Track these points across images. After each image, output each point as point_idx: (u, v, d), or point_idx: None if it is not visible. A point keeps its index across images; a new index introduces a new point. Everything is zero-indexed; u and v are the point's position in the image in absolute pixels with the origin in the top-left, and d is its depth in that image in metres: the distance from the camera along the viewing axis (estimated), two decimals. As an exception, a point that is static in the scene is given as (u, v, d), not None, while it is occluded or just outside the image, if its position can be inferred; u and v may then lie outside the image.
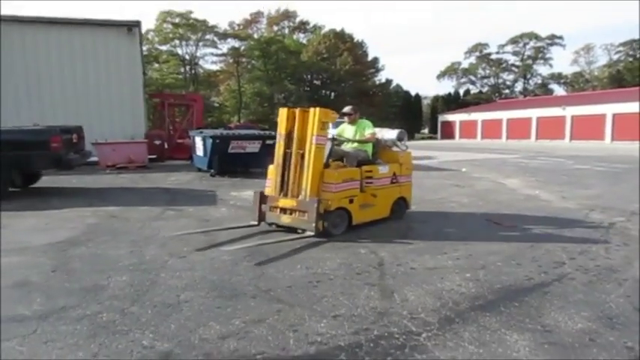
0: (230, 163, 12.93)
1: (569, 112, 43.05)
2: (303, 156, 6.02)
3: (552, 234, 6.18)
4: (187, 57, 57.35)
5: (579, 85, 72.19)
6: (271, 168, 6.45)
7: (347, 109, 7.40)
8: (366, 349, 2.96)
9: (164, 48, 55.53)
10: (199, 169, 13.82)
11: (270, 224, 6.33)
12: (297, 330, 3.24)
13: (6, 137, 8.83)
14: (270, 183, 6.36)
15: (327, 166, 6.22)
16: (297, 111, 6.18)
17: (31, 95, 16.95)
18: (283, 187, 6.18)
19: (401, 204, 7.12)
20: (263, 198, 6.32)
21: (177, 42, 55.68)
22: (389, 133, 7.36)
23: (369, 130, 7.04)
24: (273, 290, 4.03)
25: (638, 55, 67.97)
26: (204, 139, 13.04)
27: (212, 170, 12.87)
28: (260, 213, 6.31)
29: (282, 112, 6.27)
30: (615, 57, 69.84)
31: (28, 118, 14.83)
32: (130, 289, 4.07)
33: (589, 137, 39.63)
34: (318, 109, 6.01)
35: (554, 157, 21.70)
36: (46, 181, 11.10)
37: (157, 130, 19.56)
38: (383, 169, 6.80)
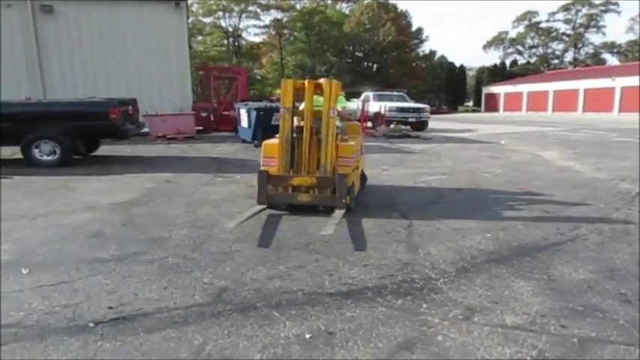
0: (273, 135, 13.46)
1: (619, 83, 41.74)
2: (315, 130, 5.81)
3: (577, 202, 6.51)
4: (230, 29, 58.13)
5: (634, 55, 69.25)
6: (271, 144, 6.04)
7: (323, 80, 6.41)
8: (390, 290, 3.49)
9: (208, 20, 56.46)
10: (244, 141, 14.46)
11: (280, 205, 5.86)
12: (332, 274, 3.80)
13: (71, 108, 9.70)
14: (276, 161, 5.85)
15: None
16: (307, 82, 5.89)
17: (87, 70, 17.89)
18: (293, 165, 5.85)
19: (364, 175, 7.31)
20: (269, 178, 5.74)
21: (220, 14, 56.44)
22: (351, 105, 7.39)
23: (341, 103, 6.87)
24: (312, 244, 4.59)
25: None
26: (248, 112, 13.65)
27: (256, 141, 13.47)
28: (267, 195, 5.74)
29: (287, 84, 5.87)
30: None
31: (84, 91, 15.84)
32: (189, 240, 4.72)
33: (638, 109, 38.47)
34: (332, 80, 5.88)
35: (598, 130, 21.43)
36: (103, 150, 11.97)
37: (203, 102, 20.30)
38: (359, 142, 6.71)
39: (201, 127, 17.81)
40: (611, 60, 70.59)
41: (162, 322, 2.98)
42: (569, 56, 73.74)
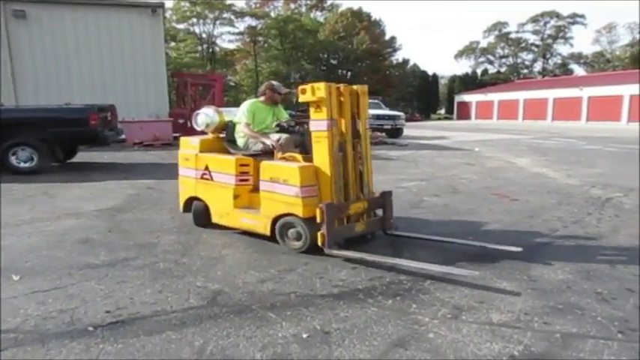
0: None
1: (587, 92, 42.96)
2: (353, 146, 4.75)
3: (551, 207, 6.75)
4: (205, 36, 57.87)
5: (600, 66, 71.37)
6: (306, 168, 4.52)
7: (281, 86, 5.86)
8: (379, 291, 3.62)
9: (182, 26, 56.09)
10: (222, 147, 14.46)
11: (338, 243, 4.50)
12: (322, 277, 3.91)
13: (50, 115, 9.62)
14: (318, 189, 4.51)
15: None
16: (343, 87, 4.68)
17: (60, 75, 17.66)
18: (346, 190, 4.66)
19: None
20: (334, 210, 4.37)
21: (194, 20, 56.17)
22: None
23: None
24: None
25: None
26: (227, 118, 13.68)
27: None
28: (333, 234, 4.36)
29: (330, 89, 4.48)
30: (638, 36, 68.84)
31: (58, 97, 15.64)
32: (178, 245, 4.77)
33: (605, 118, 39.66)
34: (363, 85, 4.94)
35: (567, 138, 22.05)
36: (81, 156, 11.86)
37: (180, 109, 20.24)
38: None
39: (178, 134, 17.70)
40: (578, 70, 72.58)
41: (161, 325, 3.04)
42: (538, 66, 75.55)
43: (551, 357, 2.68)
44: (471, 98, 58.07)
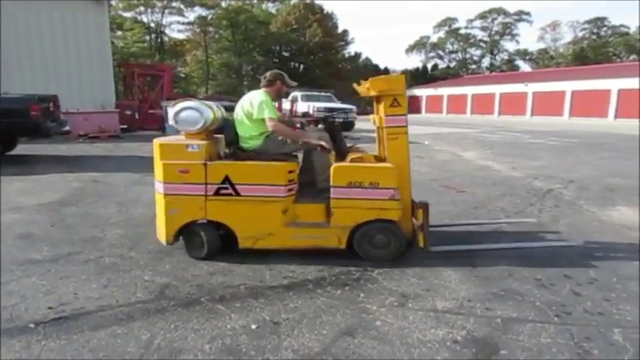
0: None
1: (531, 88, 44.42)
2: None
3: (495, 198, 6.98)
4: (153, 25, 56.47)
5: (544, 62, 73.92)
6: (386, 169, 4.18)
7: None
8: (329, 281, 3.67)
9: (128, 15, 54.50)
10: (172, 139, 14.20)
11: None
12: (272, 269, 3.92)
13: (-13, 105, 9.16)
14: (399, 191, 4.19)
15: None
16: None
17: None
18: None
19: None
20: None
21: (141, 9, 54.69)
22: None
23: None
24: (250, 240, 4.68)
25: (601, 33, 69.94)
26: (176, 110, 13.43)
27: (185, 140, 13.29)
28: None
29: (402, 81, 4.31)
30: (580, 34, 71.72)
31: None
32: (124, 239, 4.67)
33: (549, 113, 41.14)
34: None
35: (512, 132, 22.78)
36: (21, 149, 11.38)
37: (127, 100, 19.72)
38: None
39: (125, 126, 17.29)
40: (524, 66, 74.97)
41: (106, 320, 2.98)
42: (486, 62, 77.51)
43: (492, 341, 2.78)
44: (422, 92, 59.05)
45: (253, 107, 4.23)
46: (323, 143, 4.27)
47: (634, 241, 4.92)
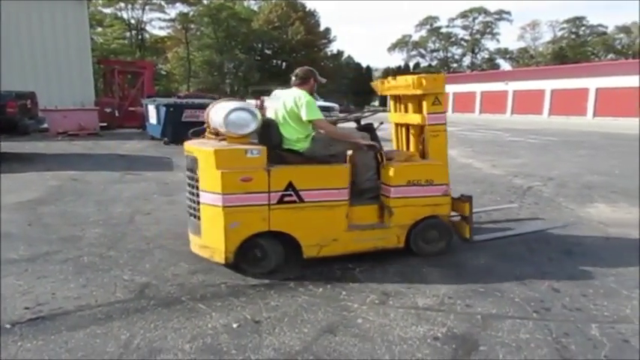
0: (183, 132, 13.21)
1: (512, 87, 44.88)
2: None
3: (476, 195, 7.00)
4: (133, 21, 55.84)
5: (524, 61, 74.71)
6: (437, 166, 4.35)
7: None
8: (310, 279, 3.67)
9: (108, 11, 53.82)
10: (153, 137, 14.09)
11: None
12: (253, 267, 3.90)
13: (-38, 102, 8.97)
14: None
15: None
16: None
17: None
18: None
19: None
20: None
21: (122, 5, 54.02)
22: None
23: None
24: (231, 239, 4.66)
25: (580, 33, 70.93)
26: (157, 108, 13.32)
27: (166, 138, 13.19)
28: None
29: (443, 80, 4.38)
30: (559, 34, 72.63)
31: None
32: (103, 238, 4.62)
33: (529, 112, 41.59)
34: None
35: (493, 130, 23.00)
36: (-2, 146, 11.19)
37: (107, 97, 19.48)
38: None
39: (105, 124, 17.07)
40: (504, 65, 75.72)
41: (85, 320, 2.94)
42: (467, 60, 78.14)
43: (472, 337, 2.81)
44: (404, 91, 59.29)
45: (300, 108, 3.94)
46: (373, 143, 4.22)
47: (611, 237, 5.01)
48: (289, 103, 4.01)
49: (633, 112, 36.01)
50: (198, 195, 3.79)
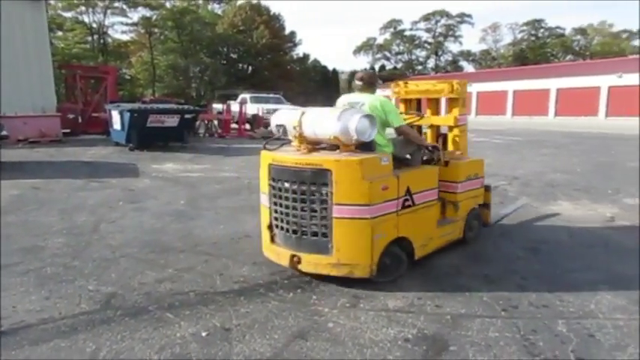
0: (149, 137, 13.09)
1: (475, 88, 45.67)
2: None
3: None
4: (95, 25, 54.73)
5: (486, 63, 76.14)
6: (481, 159, 5.05)
7: None
8: (280, 285, 3.64)
9: (69, 15, 52.61)
10: (117, 143, 13.82)
11: None
12: (222, 274, 3.86)
13: None
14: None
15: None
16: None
17: None
18: None
19: None
20: None
21: (82, 9, 52.89)
22: None
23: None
24: (199, 245, 4.60)
25: (539, 35, 72.70)
26: (121, 113, 13.07)
27: (131, 144, 12.96)
28: None
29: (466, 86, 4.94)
30: (519, 36, 74.27)
31: None
32: (67, 248, 4.49)
33: (492, 112, 42.40)
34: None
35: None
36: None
37: (69, 103, 19.01)
38: None
39: (68, 130, 16.66)
40: (468, 67, 77.02)
41: (48, 333, 2.85)
42: (431, 63, 79.18)
43: (442, 338, 2.83)
44: (370, 93, 59.72)
45: (388, 115, 3.99)
46: (436, 144, 4.52)
47: (575, 234, 5.13)
48: (376, 110, 3.95)
49: (592, 111, 37.11)
50: (326, 210, 3.49)
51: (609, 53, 61.93)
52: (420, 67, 78.38)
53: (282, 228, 3.75)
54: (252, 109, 21.51)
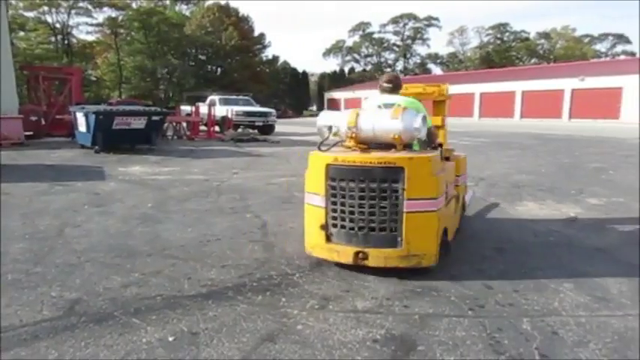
0: (115, 140, 12.88)
1: (443, 90, 46.38)
2: None
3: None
4: (58, 26, 53.57)
5: (454, 66, 77.35)
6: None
7: None
8: (249, 287, 3.61)
9: (31, 14, 51.37)
10: (82, 146, 13.55)
11: None
12: (190, 277, 3.80)
13: None
14: None
15: None
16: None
17: None
18: None
19: None
20: None
21: (45, 8, 51.71)
22: None
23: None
24: (167, 249, 4.53)
25: (505, 38, 74.21)
26: (86, 115, 12.83)
27: (96, 147, 12.72)
28: None
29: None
30: (485, 39, 75.70)
31: None
32: (29, 254, 4.36)
33: (460, 114, 43.09)
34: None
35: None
36: None
37: (32, 105, 18.55)
38: None
39: (31, 132, 16.27)
40: (436, 70, 78.10)
41: (8, 342, 2.76)
42: (400, 65, 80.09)
43: (410, 338, 2.85)
44: (340, 95, 60.03)
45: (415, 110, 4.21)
46: (440, 141, 4.59)
47: (540, 233, 5.24)
48: None
49: (557, 113, 37.98)
50: (396, 205, 3.65)
51: (572, 57, 63.63)
52: (389, 70, 79.02)
53: (343, 226, 3.81)
54: (221, 111, 21.38)
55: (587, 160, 12.25)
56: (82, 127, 13.31)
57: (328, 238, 3.91)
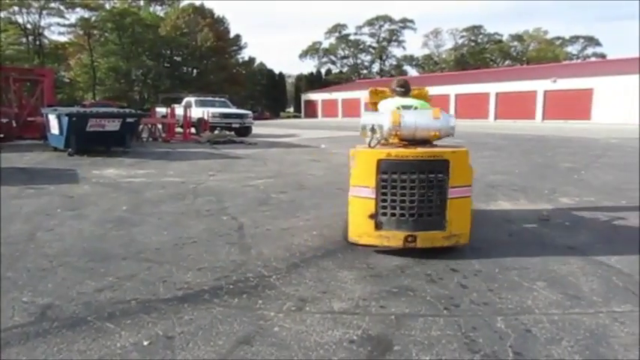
0: (89, 142, 12.68)
1: (419, 92, 46.79)
2: None
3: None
4: (30, 26, 52.56)
5: (429, 67, 78.07)
6: None
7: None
8: (226, 290, 3.59)
9: (0, 15, 50.31)
10: (55, 149, 13.32)
11: None
12: (166, 281, 3.77)
13: None
14: None
15: None
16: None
17: None
18: None
19: None
20: None
21: (15, 9, 50.68)
22: None
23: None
24: (142, 252, 4.49)
25: (479, 41, 75.17)
26: (59, 117, 12.61)
27: (70, 149, 12.51)
28: None
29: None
30: (460, 41, 76.56)
31: None
32: None
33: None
34: None
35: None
36: None
37: (2, 107, 18.14)
38: None
39: (1, 135, 15.93)
40: (412, 71, 78.70)
41: (-23, 349, 2.70)
42: (376, 67, 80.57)
43: (387, 338, 2.87)
44: (317, 97, 60.10)
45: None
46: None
47: (513, 232, 5.33)
48: None
49: (530, 114, 38.60)
50: (442, 193, 4.24)
51: (544, 59, 64.74)
52: (365, 72, 79.51)
53: (393, 214, 4.26)
54: (197, 112, 21.20)
55: (559, 160, 12.48)
56: (54, 129, 13.07)
57: (377, 226, 4.29)
